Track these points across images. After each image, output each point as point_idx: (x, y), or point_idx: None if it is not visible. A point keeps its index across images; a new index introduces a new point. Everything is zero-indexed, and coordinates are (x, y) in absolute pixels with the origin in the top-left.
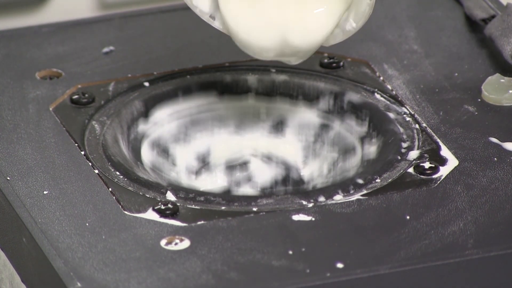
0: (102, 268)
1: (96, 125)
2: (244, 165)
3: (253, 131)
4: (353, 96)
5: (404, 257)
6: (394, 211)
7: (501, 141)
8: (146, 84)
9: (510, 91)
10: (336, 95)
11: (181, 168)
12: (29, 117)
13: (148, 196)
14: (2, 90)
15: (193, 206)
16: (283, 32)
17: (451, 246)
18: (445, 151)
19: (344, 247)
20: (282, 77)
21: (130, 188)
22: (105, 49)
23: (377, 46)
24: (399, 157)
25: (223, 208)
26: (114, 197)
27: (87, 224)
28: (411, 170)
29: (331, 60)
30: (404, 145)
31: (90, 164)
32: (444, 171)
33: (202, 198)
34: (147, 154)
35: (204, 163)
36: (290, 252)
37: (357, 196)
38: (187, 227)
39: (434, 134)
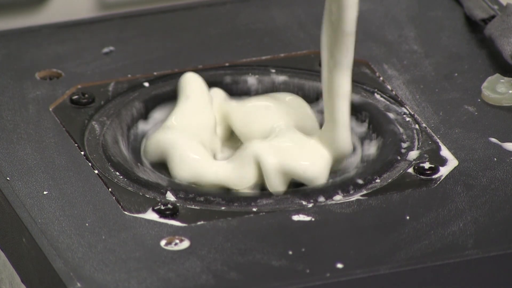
0: (102, 268)
1: (96, 126)
2: None
3: None
4: (353, 97)
5: (404, 257)
6: (394, 211)
7: (501, 141)
8: (146, 84)
9: (510, 91)
10: None
11: None
12: (29, 117)
13: (148, 196)
14: (2, 90)
15: (193, 206)
16: None
17: (451, 246)
18: (445, 151)
19: (344, 247)
20: (282, 78)
21: (130, 188)
22: (105, 49)
23: (377, 46)
24: (399, 157)
25: (223, 208)
26: (114, 197)
27: (87, 224)
28: (411, 170)
29: None
30: (404, 145)
31: (90, 164)
32: (444, 171)
33: (202, 198)
34: None
35: None
36: (290, 252)
37: (357, 196)
38: (187, 227)
39: (434, 134)
